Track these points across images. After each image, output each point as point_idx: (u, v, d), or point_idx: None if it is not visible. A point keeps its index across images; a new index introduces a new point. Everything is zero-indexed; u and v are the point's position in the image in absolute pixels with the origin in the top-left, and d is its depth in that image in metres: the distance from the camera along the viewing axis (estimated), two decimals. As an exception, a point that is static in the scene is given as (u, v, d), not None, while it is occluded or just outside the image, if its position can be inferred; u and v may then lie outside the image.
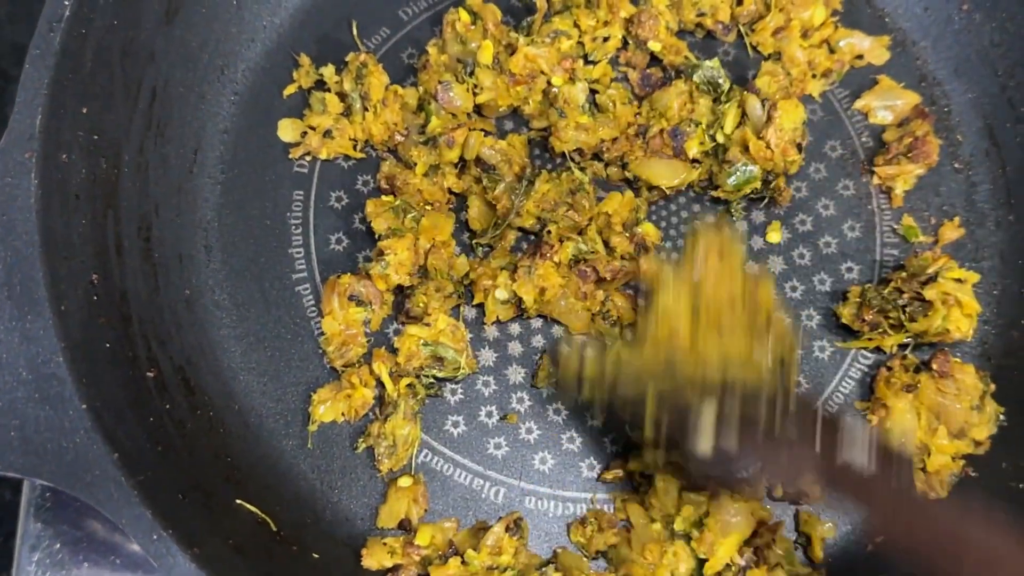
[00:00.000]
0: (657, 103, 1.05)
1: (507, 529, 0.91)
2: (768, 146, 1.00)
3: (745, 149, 1.01)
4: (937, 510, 0.78)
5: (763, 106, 1.02)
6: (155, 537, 0.73)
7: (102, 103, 0.90)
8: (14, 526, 0.96)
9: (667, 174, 1.02)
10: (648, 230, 1.01)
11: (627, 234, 1.00)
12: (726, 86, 1.05)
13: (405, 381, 0.96)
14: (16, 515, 0.96)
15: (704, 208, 1.06)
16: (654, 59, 1.10)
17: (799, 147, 1.02)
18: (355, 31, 1.12)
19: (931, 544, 0.72)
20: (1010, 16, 1.08)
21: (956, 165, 1.09)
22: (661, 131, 1.03)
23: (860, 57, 1.12)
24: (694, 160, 1.04)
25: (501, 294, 0.97)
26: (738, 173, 1.01)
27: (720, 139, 1.03)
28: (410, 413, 0.95)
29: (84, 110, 0.87)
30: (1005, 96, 1.09)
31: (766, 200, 1.06)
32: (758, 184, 1.03)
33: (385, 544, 0.91)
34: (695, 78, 1.05)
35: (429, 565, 0.90)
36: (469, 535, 0.93)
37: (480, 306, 1.00)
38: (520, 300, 0.97)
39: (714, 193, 1.04)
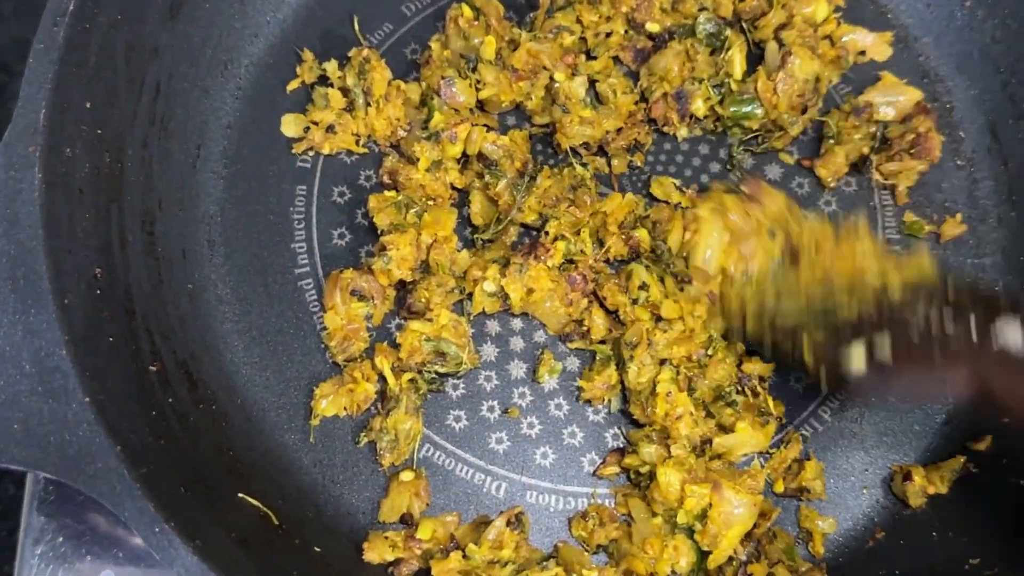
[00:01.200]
0: (655, 68, 1.06)
1: (508, 523, 0.91)
2: (775, 91, 1.01)
3: (754, 91, 1.03)
4: None
5: (780, 49, 1.03)
6: (157, 530, 0.73)
7: (106, 98, 0.90)
8: (18, 520, 0.96)
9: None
10: (643, 235, 1.01)
11: (623, 236, 1.00)
12: (727, 31, 1.06)
13: (407, 376, 0.96)
14: (20, 509, 0.96)
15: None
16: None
17: (804, 110, 1.02)
18: (357, 26, 1.12)
19: None
20: (1012, 13, 1.08)
21: (958, 161, 1.09)
22: (664, 95, 1.04)
23: (863, 53, 1.12)
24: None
25: (489, 286, 0.98)
26: (743, 101, 1.03)
27: (734, 87, 1.04)
28: (412, 408, 0.95)
29: (88, 104, 0.88)
30: (1007, 93, 1.09)
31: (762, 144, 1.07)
32: (755, 124, 1.04)
33: (387, 538, 0.91)
34: (698, 34, 1.06)
35: (430, 559, 0.90)
36: (470, 529, 0.93)
37: (482, 301, 1.00)
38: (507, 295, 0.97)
39: (714, 125, 1.07)
